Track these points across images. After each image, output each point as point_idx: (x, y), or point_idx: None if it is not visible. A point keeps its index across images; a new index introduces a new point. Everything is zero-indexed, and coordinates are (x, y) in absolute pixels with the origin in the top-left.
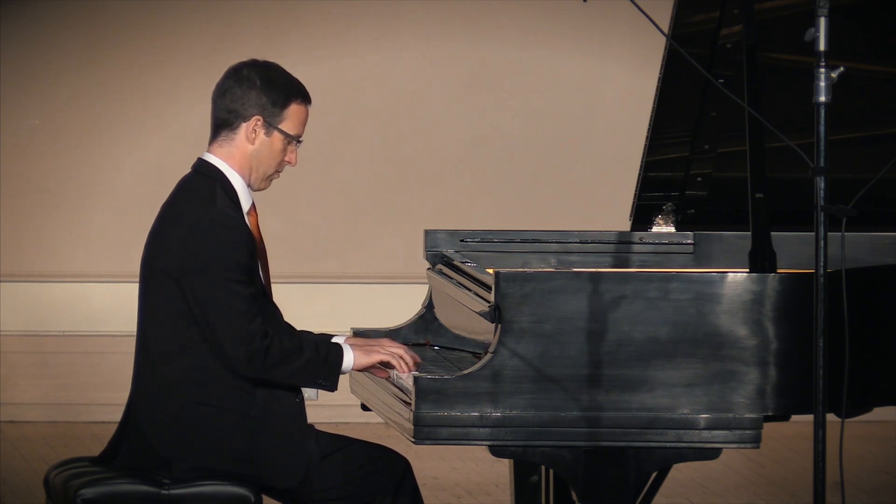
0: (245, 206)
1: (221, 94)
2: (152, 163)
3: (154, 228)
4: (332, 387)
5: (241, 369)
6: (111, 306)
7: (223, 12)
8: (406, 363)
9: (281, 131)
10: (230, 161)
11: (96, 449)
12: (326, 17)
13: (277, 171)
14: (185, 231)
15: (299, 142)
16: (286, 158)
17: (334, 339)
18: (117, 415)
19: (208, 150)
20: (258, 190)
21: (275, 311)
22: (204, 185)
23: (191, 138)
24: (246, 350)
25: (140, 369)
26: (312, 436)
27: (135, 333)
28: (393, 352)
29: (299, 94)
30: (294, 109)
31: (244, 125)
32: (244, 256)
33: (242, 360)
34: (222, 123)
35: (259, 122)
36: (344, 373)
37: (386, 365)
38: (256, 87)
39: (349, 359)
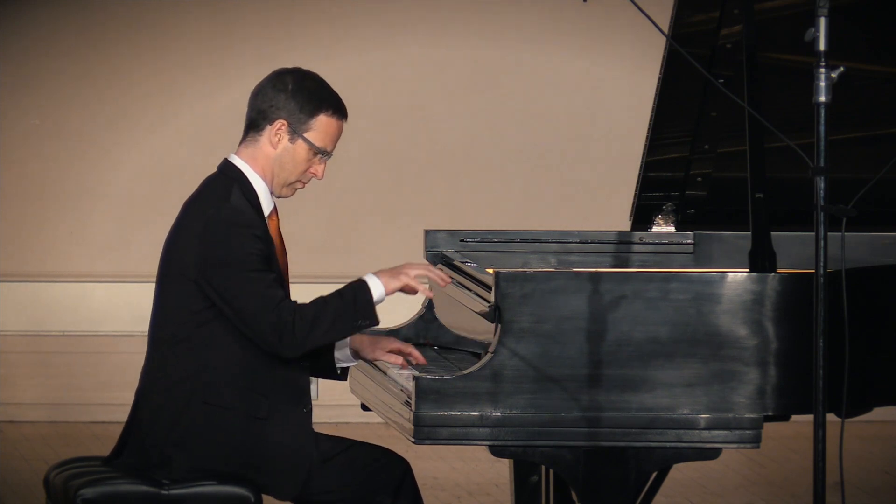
0: (266, 209)
1: (255, 94)
2: (152, 163)
3: (172, 228)
4: (373, 322)
5: (277, 351)
6: (111, 306)
7: (223, 12)
8: (436, 275)
9: (306, 140)
10: (253, 163)
11: (96, 449)
12: (326, 17)
13: (301, 181)
14: (199, 230)
15: (327, 155)
16: (311, 170)
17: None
18: (117, 415)
19: (235, 151)
20: (280, 197)
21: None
22: (222, 184)
23: (190, 138)
24: (276, 332)
25: (149, 366)
26: (313, 443)
27: (135, 333)
28: (418, 273)
29: (331, 106)
30: (323, 121)
31: (268, 128)
32: (259, 247)
33: (275, 341)
34: (250, 124)
35: (283, 127)
36: (379, 302)
37: (412, 290)
38: (287, 91)
39: (379, 288)
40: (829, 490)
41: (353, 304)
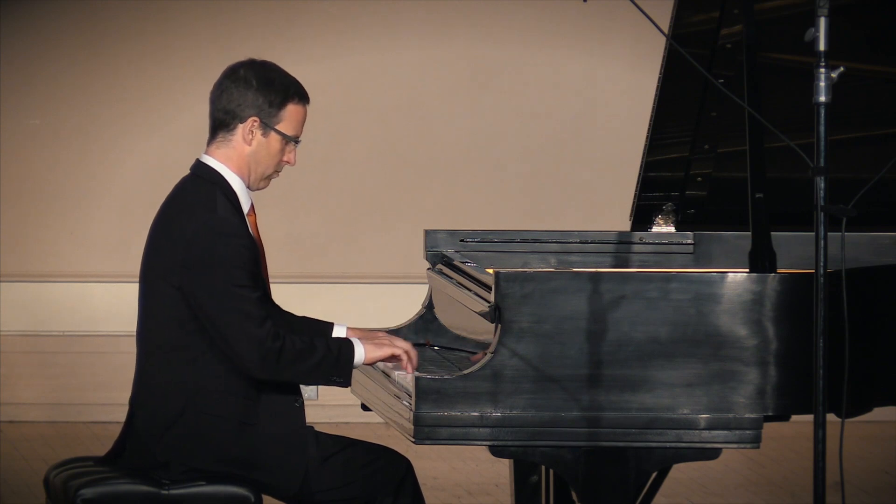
0: (245, 206)
1: (219, 94)
2: (152, 162)
3: (153, 231)
4: (345, 383)
5: (254, 372)
6: (111, 306)
7: (223, 12)
8: (412, 361)
9: (278, 132)
10: (228, 163)
11: (96, 449)
12: (326, 16)
13: (276, 171)
14: (187, 239)
15: (297, 142)
16: (285, 159)
17: (336, 329)
18: (117, 415)
19: (206, 152)
20: (257, 189)
21: (279, 312)
22: (204, 190)
23: (190, 137)
24: (258, 353)
25: (140, 372)
26: (312, 440)
27: (135, 333)
28: (400, 346)
29: (297, 94)
30: (291, 110)
31: (241, 126)
32: (248, 262)
33: (255, 362)
34: (219, 124)
35: (255, 124)
36: (355, 367)
37: (392, 358)
38: (253, 87)
39: (360, 353)
40: (829, 490)
41: (337, 359)
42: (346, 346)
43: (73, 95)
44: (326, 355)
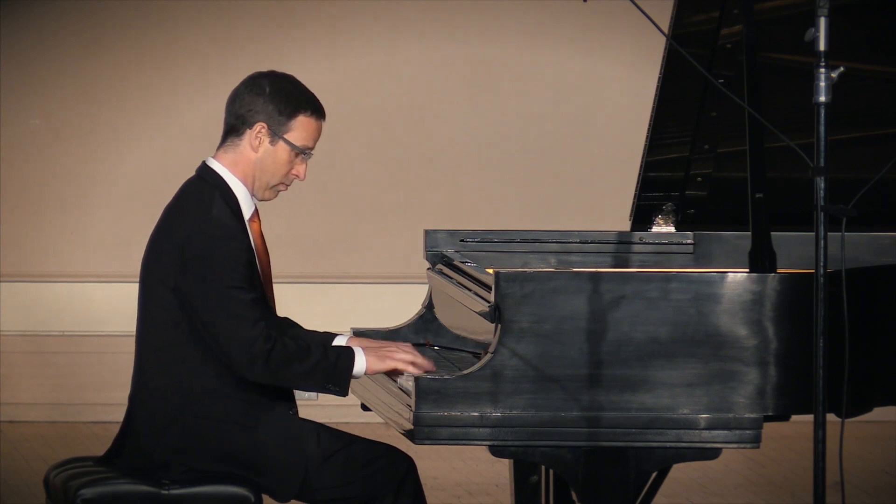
0: (247, 213)
1: (233, 99)
2: (153, 163)
3: (154, 234)
4: (342, 392)
5: (244, 374)
6: (111, 306)
7: (223, 12)
8: (420, 369)
9: (286, 142)
10: (234, 168)
11: (96, 449)
12: (326, 17)
13: (284, 183)
14: (181, 241)
15: (307, 155)
16: (293, 172)
17: (337, 338)
18: (117, 415)
19: (214, 156)
20: (262, 200)
21: (278, 320)
22: (203, 192)
23: (191, 138)
24: (247, 354)
25: (138, 373)
26: (313, 436)
27: (135, 333)
28: (404, 358)
29: (309, 106)
30: (302, 121)
31: (248, 132)
32: (241, 263)
33: (245, 364)
34: (230, 129)
35: (263, 130)
36: (356, 377)
37: (395, 372)
38: (265, 94)
39: (361, 364)
40: (829, 490)
41: (334, 366)
42: (345, 354)
43: (73, 95)
44: (322, 361)
